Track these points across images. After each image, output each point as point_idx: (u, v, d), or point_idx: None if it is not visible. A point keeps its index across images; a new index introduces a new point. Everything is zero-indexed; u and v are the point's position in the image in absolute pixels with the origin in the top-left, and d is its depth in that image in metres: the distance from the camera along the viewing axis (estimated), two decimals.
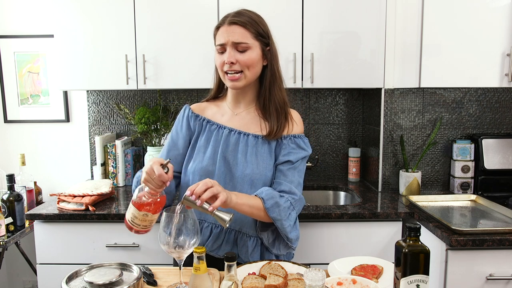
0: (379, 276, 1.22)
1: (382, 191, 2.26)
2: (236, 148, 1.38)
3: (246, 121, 1.42)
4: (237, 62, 1.31)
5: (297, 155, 1.38)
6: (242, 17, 1.34)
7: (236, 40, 1.31)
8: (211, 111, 1.47)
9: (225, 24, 1.33)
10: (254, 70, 1.35)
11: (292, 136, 1.39)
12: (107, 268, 1.13)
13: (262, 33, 1.36)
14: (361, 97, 2.52)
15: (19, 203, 2.12)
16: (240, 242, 1.38)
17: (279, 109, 1.38)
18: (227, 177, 1.36)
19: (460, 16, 1.94)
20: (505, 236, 1.58)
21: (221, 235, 1.38)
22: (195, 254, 1.00)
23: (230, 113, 1.44)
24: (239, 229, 1.38)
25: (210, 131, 1.42)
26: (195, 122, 1.45)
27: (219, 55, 1.35)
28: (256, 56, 1.34)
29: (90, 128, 2.55)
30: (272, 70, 1.39)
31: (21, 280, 2.66)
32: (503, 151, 2.20)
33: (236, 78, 1.33)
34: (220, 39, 1.34)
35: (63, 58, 2.13)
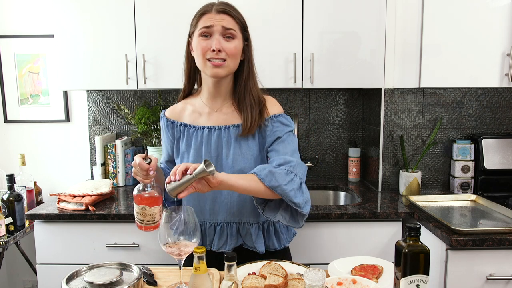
0: (379, 276, 1.22)
1: (382, 191, 2.26)
2: (219, 144, 1.37)
3: (225, 116, 1.40)
4: (223, 50, 1.29)
5: (282, 131, 1.36)
6: (230, 7, 1.34)
7: (226, 25, 1.29)
8: (187, 112, 1.44)
9: (213, 11, 1.31)
10: (236, 61, 1.34)
11: (273, 116, 1.37)
12: (107, 268, 1.13)
13: (245, 27, 1.37)
14: (361, 97, 2.52)
15: (19, 203, 2.12)
16: (243, 231, 1.41)
17: (253, 104, 1.36)
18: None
19: (460, 16, 1.94)
20: (505, 236, 1.58)
21: (224, 230, 1.40)
22: (195, 254, 1.00)
23: (207, 110, 1.41)
24: (239, 221, 1.40)
25: (189, 135, 1.41)
26: (173, 130, 1.44)
27: (201, 40, 1.30)
28: (239, 46, 1.33)
29: (90, 128, 2.55)
30: (249, 65, 1.38)
31: (21, 280, 2.66)
32: (503, 151, 2.20)
33: (220, 65, 1.29)
34: (206, 22, 1.30)
35: (63, 58, 2.13)
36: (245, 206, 1.39)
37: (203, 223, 1.42)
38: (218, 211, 1.40)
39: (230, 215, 1.40)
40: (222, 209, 1.40)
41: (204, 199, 1.40)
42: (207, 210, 1.41)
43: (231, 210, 1.39)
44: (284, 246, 1.46)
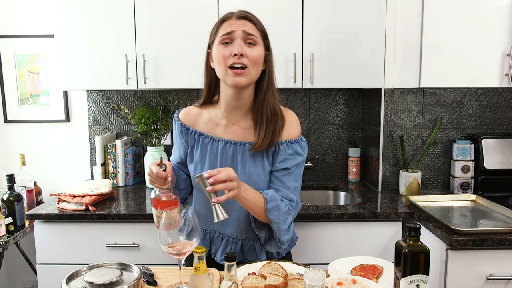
0: (379, 276, 1.22)
1: (382, 191, 2.26)
2: (235, 160, 1.35)
3: (243, 130, 1.36)
4: (245, 55, 1.24)
5: (293, 161, 1.34)
6: (250, 14, 1.31)
7: (248, 30, 1.26)
8: (203, 120, 1.40)
9: (233, 18, 1.29)
10: (258, 70, 1.29)
11: (289, 142, 1.34)
12: (107, 268, 1.13)
13: (266, 35, 1.33)
14: (361, 97, 2.52)
15: (19, 203, 2.12)
16: (246, 247, 1.41)
17: (269, 118, 1.32)
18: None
19: (460, 16, 1.94)
20: (505, 236, 1.58)
21: (229, 244, 1.41)
22: (195, 254, 1.00)
23: (225, 121, 1.37)
24: (245, 237, 1.40)
25: (204, 145, 1.38)
26: (187, 136, 1.41)
27: (223, 47, 1.26)
28: (262, 54, 1.29)
29: (90, 128, 2.55)
30: (270, 75, 1.34)
31: (21, 280, 2.66)
32: (503, 151, 2.20)
33: (241, 73, 1.24)
34: (227, 28, 1.26)
35: (63, 58, 2.13)
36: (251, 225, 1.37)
37: (212, 232, 1.43)
38: (226, 225, 1.40)
39: (237, 231, 1.39)
40: (231, 224, 1.39)
41: None
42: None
43: (238, 227, 1.39)
44: (286, 252, 1.47)
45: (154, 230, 1.87)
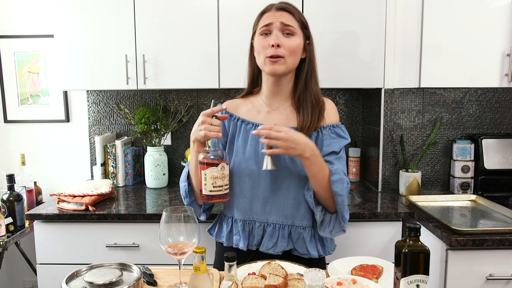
0: (379, 276, 1.22)
1: (382, 191, 2.26)
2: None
3: (284, 116, 1.39)
4: (282, 45, 1.29)
5: (339, 144, 1.37)
6: (289, 5, 1.35)
7: (286, 22, 1.30)
8: (245, 108, 1.43)
9: (273, 9, 1.34)
10: (295, 59, 1.33)
11: (331, 126, 1.38)
12: (107, 268, 1.13)
13: (305, 25, 1.37)
14: (361, 97, 2.52)
15: (19, 203, 2.12)
16: (294, 235, 1.38)
17: (314, 104, 1.36)
18: (272, 175, 1.35)
19: (460, 16, 1.94)
20: (505, 236, 1.58)
21: (275, 232, 1.38)
22: (195, 254, 1.00)
23: (266, 108, 1.41)
24: (291, 223, 1.38)
25: (246, 131, 1.39)
26: (229, 122, 1.42)
27: (262, 38, 1.32)
28: (299, 44, 1.33)
29: (90, 128, 2.55)
30: (311, 64, 1.38)
31: (21, 280, 2.66)
32: (503, 151, 2.20)
33: (277, 61, 1.29)
34: (266, 20, 1.32)
35: (63, 58, 2.13)
36: (299, 209, 1.37)
37: (251, 222, 1.40)
38: (270, 211, 1.38)
39: (282, 217, 1.37)
40: (274, 210, 1.37)
41: (257, 197, 1.37)
42: (258, 209, 1.38)
43: (284, 212, 1.37)
44: (329, 253, 1.44)
45: (154, 230, 1.88)
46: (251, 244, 1.40)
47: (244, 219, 1.40)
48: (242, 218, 1.40)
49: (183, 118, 2.50)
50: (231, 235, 1.43)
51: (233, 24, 2.07)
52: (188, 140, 2.55)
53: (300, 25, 1.34)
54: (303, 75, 1.37)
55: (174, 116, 2.48)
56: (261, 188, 1.36)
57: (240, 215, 1.40)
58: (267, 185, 1.36)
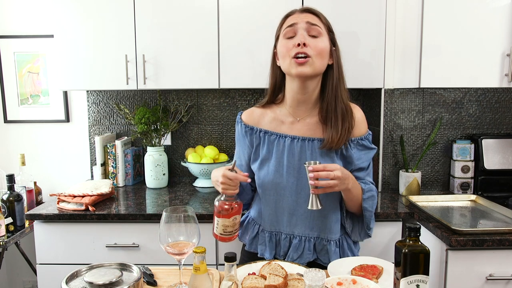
0: (379, 276, 1.22)
1: (382, 191, 2.26)
2: (303, 157, 1.32)
3: (309, 126, 1.34)
4: (308, 45, 1.24)
5: (368, 156, 1.37)
6: (313, 8, 1.32)
7: (312, 21, 1.26)
8: (268, 118, 1.38)
9: (297, 12, 1.31)
10: (322, 62, 1.27)
11: (359, 139, 1.35)
12: (107, 268, 1.13)
13: (331, 29, 1.33)
14: (361, 97, 2.52)
15: (19, 203, 2.12)
16: (319, 246, 1.39)
17: (344, 115, 1.29)
18: (298, 187, 1.33)
19: (460, 16, 1.94)
20: (505, 236, 1.58)
21: (301, 244, 1.38)
22: (195, 254, 1.00)
23: (290, 119, 1.35)
24: (317, 236, 1.38)
25: (270, 142, 1.36)
26: (251, 136, 1.38)
27: (286, 41, 1.27)
28: (326, 46, 1.28)
29: (90, 128, 2.55)
30: (339, 70, 1.32)
31: (21, 280, 2.66)
32: (503, 151, 2.20)
33: (304, 62, 1.23)
34: (290, 21, 1.28)
35: (63, 58, 2.13)
36: (325, 222, 1.36)
37: (278, 233, 1.40)
38: (296, 224, 1.37)
39: (308, 229, 1.37)
40: (301, 222, 1.37)
41: (282, 210, 1.37)
42: (284, 221, 1.38)
43: (310, 225, 1.37)
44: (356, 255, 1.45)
45: (154, 230, 1.87)
46: (278, 254, 1.40)
47: (271, 230, 1.40)
48: (269, 230, 1.40)
49: (183, 118, 2.50)
50: (254, 242, 1.43)
51: (233, 24, 2.06)
52: (188, 140, 2.55)
53: (326, 27, 1.30)
54: (331, 82, 1.30)
55: (174, 116, 2.48)
56: (286, 201, 1.35)
57: (267, 226, 1.41)
58: (293, 198, 1.35)
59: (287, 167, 1.33)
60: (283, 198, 1.35)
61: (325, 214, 1.35)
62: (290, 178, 1.33)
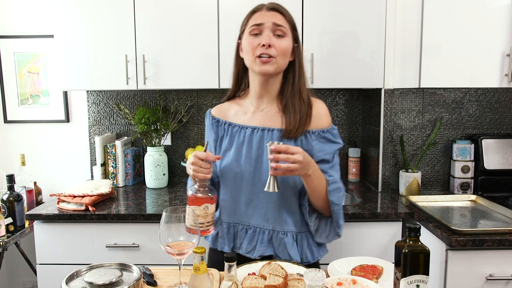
0: (379, 276, 1.22)
1: (382, 191, 2.26)
2: (260, 147, 1.35)
3: (269, 116, 1.38)
4: (273, 46, 1.28)
5: (330, 149, 1.35)
6: (280, 6, 1.34)
7: (278, 22, 1.29)
8: (233, 111, 1.42)
9: (264, 9, 1.33)
10: (285, 60, 1.33)
11: (321, 131, 1.35)
12: (107, 269, 1.13)
13: (295, 27, 1.36)
14: (361, 97, 2.52)
15: (19, 203, 2.12)
16: (275, 240, 1.36)
17: (302, 107, 1.34)
18: (255, 177, 1.34)
19: (460, 16, 1.94)
20: (505, 236, 1.58)
21: (255, 235, 1.37)
22: (195, 254, 1.00)
23: (253, 109, 1.40)
24: (272, 228, 1.36)
25: (233, 133, 1.39)
26: (217, 128, 1.42)
27: (252, 38, 1.30)
28: (290, 45, 1.32)
29: (90, 128, 2.55)
30: (300, 66, 1.37)
31: (21, 280, 2.66)
32: (503, 151, 2.20)
33: (268, 61, 1.28)
34: (257, 19, 1.31)
35: (63, 58, 2.13)
36: (281, 214, 1.35)
37: (235, 225, 1.40)
38: (252, 215, 1.37)
39: (264, 220, 1.36)
40: (256, 213, 1.36)
41: (239, 200, 1.37)
42: (241, 212, 1.38)
43: (265, 216, 1.36)
44: (317, 259, 1.42)
45: (154, 230, 1.87)
46: (236, 246, 1.39)
47: (228, 221, 1.40)
48: (227, 221, 1.41)
49: (183, 118, 2.50)
50: (216, 237, 1.42)
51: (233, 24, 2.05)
52: (188, 140, 2.55)
53: (291, 26, 1.34)
54: (292, 77, 1.36)
55: (174, 116, 2.48)
56: (243, 191, 1.36)
57: (225, 218, 1.41)
58: (249, 188, 1.35)
59: (245, 156, 1.34)
60: (240, 187, 1.36)
61: (280, 205, 1.35)
62: (247, 167, 1.34)
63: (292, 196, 1.36)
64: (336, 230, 1.37)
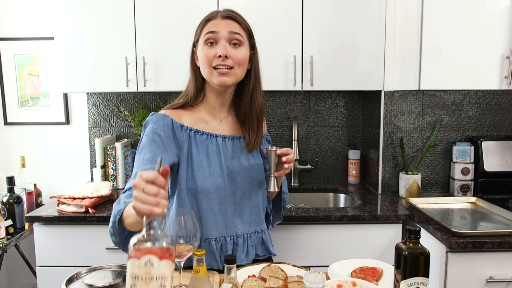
0: (379, 278, 1.21)
1: (382, 193, 2.26)
2: (235, 155, 1.34)
3: (232, 126, 1.38)
4: (230, 57, 1.23)
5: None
6: (235, 14, 1.30)
7: (234, 30, 1.25)
8: (190, 120, 1.31)
9: (218, 17, 1.27)
10: (243, 70, 1.29)
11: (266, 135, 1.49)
12: (107, 271, 1.13)
13: (251, 34, 1.33)
14: (361, 99, 2.53)
15: (19, 205, 2.12)
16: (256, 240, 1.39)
17: (259, 117, 1.36)
18: (233, 186, 1.33)
19: (459, 19, 1.94)
20: (505, 238, 1.58)
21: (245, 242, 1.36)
22: (195, 256, 1.00)
23: (213, 118, 1.34)
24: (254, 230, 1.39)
25: (201, 141, 1.30)
26: (181, 133, 1.28)
27: (207, 48, 1.25)
28: (247, 54, 1.29)
29: (90, 130, 2.55)
30: (256, 74, 1.34)
31: (20, 282, 2.65)
32: (502, 153, 2.20)
33: (227, 73, 1.24)
34: (211, 27, 1.25)
35: (63, 60, 2.13)
36: (259, 215, 1.40)
37: (221, 239, 1.32)
38: (237, 223, 1.35)
39: (247, 226, 1.36)
40: (240, 221, 1.35)
41: (224, 212, 1.32)
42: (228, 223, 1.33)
43: (248, 221, 1.37)
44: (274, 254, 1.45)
45: None
46: (222, 261, 1.29)
47: (216, 236, 1.31)
48: (215, 237, 1.31)
49: None
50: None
51: None
52: None
53: (247, 34, 1.30)
54: (249, 87, 1.33)
55: None
56: (228, 202, 1.32)
57: (211, 234, 1.31)
58: (232, 198, 1.33)
59: (225, 166, 1.31)
60: (225, 199, 1.31)
61: (259, 207, 1.39)
62: (228, 178, 1.31)
63: (264, 195, 1.43)
64: (281, 215, 1.53)
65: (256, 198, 1.38)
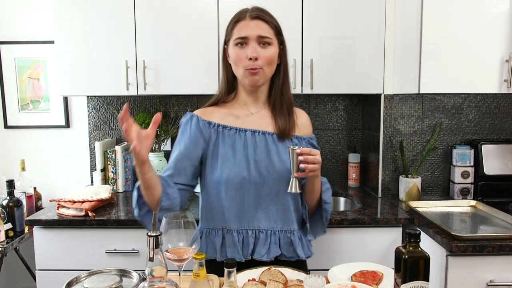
0: (379, 282, 1.21)
1: (382, 196, 2.26)
2: (266, 149, 1.35)
3: (263, 120, 1.39)
4: (259, 57, 1.29)
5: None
6: (264, 13, 1.33)
7: (263, 34, 1.29)
8: (220, 115, 1.38)
9: (247, 18, 1.31)
10: (272, 68, 1.34)
11: (309, 138, 1.44)
12: (106, 275, 1.12)
13: (280, 31, 1.37)
14: (360, 103, 2.53)
15: (19, 209, 2.11)
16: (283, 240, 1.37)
17: (290, 108, 1.39)
18: (260, 181, 1.33)
19: (459, 22, 1.95)
20: (505, 242, 1.58)
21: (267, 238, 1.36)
22: (195, 260, 1.00)
23: (245, 113, 1.39)
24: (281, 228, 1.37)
25: (230, 136, 1.35)
26: (208, 129, 1.35)
27: (238, 49, 1.30)
28: (276, 53, 1.33)
29: (90, 134, 2.55)
30: (285, 69, 1.39)
31: (20, 286, 2.65)
32: (502, 156, 2.21)
33: (256, 72, 1.30)
34: (241, 32, 1.30)
35: (64, 64, 2.14)
36: (287, 214, 1.37)
37: (243, 231, 1.35)
38: (260, 218, 1.35)
39: (273, 223, 1.36)
40: (265, 216, 1.35)
41: (248, 205, 1.34)
42: (250, 216, 1.35)
43: (274, 218, 1.36)
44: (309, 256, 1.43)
45: None
46: (248, 253, 1.35)
47: (238, 228, 1.35)
48: (236, 228, 1.35)
49: None
50: (223, 249, 1.36)
51: None
52: None
53: (275, 32, 1.34)
54: (278, 81, 1.38)
55: (174, 122, 2.48)
56: (251, 195, 1.34)
57: (233, 225, 1.35)
58: (257, 192, 1.34)
59: (252, 160, 1.33)
60: (248, 192, 1.34)
61: (287, 206, 1.37)
62: (254, 171, 1.33)
63: (297, 196, 1.40)
64: (324, 227, 1.43)
65: (285, 196, 1.35)
